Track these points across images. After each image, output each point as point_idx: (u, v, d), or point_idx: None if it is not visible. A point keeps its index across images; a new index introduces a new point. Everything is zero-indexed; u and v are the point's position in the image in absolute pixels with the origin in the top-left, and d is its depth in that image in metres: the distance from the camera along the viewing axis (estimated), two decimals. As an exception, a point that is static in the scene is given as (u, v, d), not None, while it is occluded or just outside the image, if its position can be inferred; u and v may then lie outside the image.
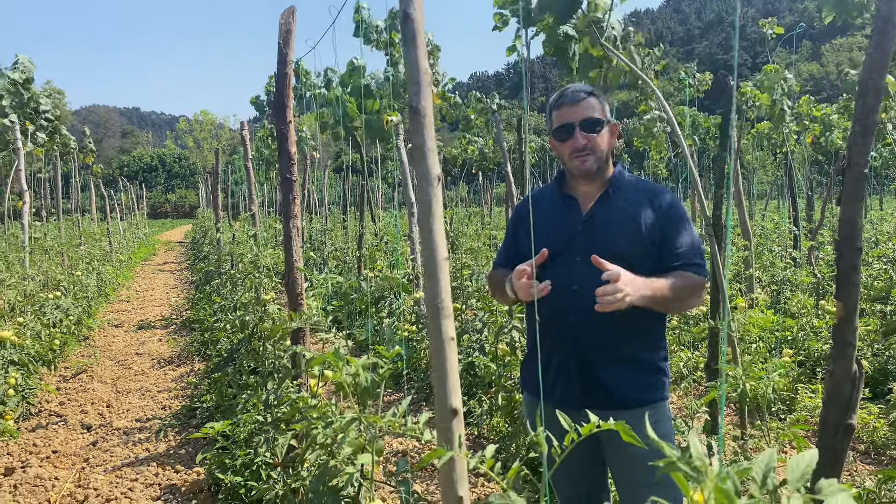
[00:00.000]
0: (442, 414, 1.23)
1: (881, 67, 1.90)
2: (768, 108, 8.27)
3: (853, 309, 2.00)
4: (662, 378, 2.24)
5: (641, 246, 2.15)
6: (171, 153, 70.15)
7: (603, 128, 2.22)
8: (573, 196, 2.30)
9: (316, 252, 11.27)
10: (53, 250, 9.35)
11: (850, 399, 2.04)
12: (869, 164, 2.01)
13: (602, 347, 2.15)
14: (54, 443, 4.89)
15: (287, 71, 3.21)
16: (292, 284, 3.21)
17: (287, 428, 2.85)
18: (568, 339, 2.19)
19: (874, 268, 6.64)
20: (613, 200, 2.23)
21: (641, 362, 2.20)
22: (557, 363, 2.22)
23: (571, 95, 2.23)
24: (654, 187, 2.28)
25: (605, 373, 2.15)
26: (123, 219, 22.90)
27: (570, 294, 2.15)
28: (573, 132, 2.20)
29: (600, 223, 2.22)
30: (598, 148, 2.20)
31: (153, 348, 7.88)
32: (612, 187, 2.24)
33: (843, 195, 1.99)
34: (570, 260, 2.20)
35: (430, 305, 1.25)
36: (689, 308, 2.28)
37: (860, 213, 2.00)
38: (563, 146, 2.24)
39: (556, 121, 2.26)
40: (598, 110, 2.22)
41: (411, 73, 1.27)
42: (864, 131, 1.94)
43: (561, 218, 2.29)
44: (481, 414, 4.59)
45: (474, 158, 17.91)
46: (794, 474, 0.62)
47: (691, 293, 2.14)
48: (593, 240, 2.18)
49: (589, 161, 2.20)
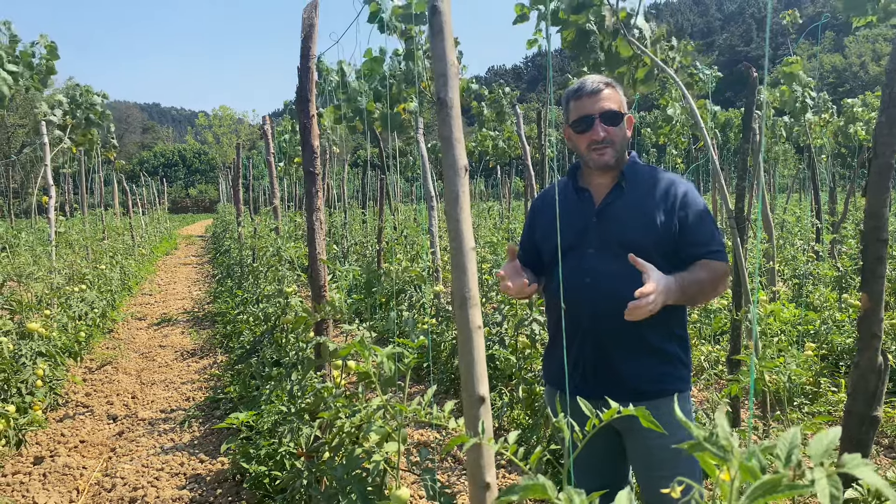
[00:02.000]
0: (469, 401, 1.25)
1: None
2: (789, 101, 8.20)
3: (879, 301, 1.99)
4: (682, 369, 2.23)
5: (655, 236, 2.13)
6: (192, 148, 70.70)
7: (621, 120, 2.20)
8: (586, 189, 2.28)
9: (336, 245, 11.34)
10: (78, 244, 9.49)
11: (875, 391, 2.03)
12: (895, 155, 2.00)
13: (619, 338, 2.13)
14: (81, 433, 4.98)
15: (310, 65, 3.23)
16: (316, 276, 3.25)
17: (312, 418, 2.89)
18: (584, 330, 2.18)
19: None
20: (626, 191, 2.21)
21: (660, 352, 2.17)
22: (575, 354, 2.21)
23: (591, 86, 2.19)
24: (669, 176, 2.25)
25: (622, 364, 2.14)
26: (145, 213, 23.15)
27: (584, 286, 2.15)
28: (592, 124, 2.17)
29: (613, 215, 2.20)
30: (616, 140, 2.18)
31: (176, 341, 7.98)
32: (625, 178, 2.22)
33: (869, 186, 1.98)
34: (583, 252, 2.20)
35: (457, 295, 1.27)
36: (714, 297, 2.27)
37: (886, 205, 1.99)
38: (580, 138, 2.21)
39: (573, 112, 2.23)
40: (617, 102, 2.20)
41: (438, 65, 1.28)
42: (891, 122, 1.93)
43: (574, 211, 2.27)
44: (502, 406, 4.61)
45: (490, 152, 17.89)
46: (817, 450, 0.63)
47: (716, 283, 2.12)
48: (606, 232, 2.17)
49: (607, 154, 2.18)
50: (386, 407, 1.90)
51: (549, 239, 2.28)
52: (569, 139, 2.29)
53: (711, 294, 2.18)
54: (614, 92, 2.21)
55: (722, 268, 2.14)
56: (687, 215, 2.15)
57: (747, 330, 3.94)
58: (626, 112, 2.24)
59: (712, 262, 2.13)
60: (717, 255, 2.15)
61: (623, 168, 2.23)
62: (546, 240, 2.32)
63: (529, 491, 0.77)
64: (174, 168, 67.65)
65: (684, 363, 2.24)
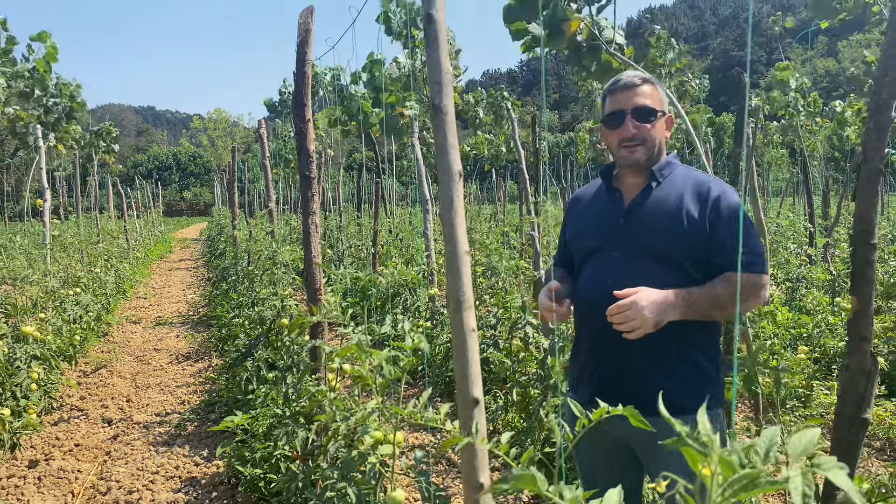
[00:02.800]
0: (464, 403, 1.27)
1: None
2: (782, 106, 8.26)
3: (868, 303, 2.01)
4: (711, 383, 2.08)
5: (683, 242, 2.00)
6: (187, 151, 70.60)
7: (657, 118, 2.09)
8: (618, 189, 2.18)
9: (332, 249, 11.35)
10: (73, 247, 9.47)
11: (864, 393, 2.05)
12: (884, 160, 2.03)
13: (641, 348, 1.98)
14: (76, 436, 4.98)
15: (306, 70, 3.25)
16: (311, 279, 3.26)
17: (307, 421, 2.90)
18: (606, 339, 2.05)
19: (890, 265, 6.61)
20: (657, 193, 2.09)
21: (686, 365, 2.04)
22: (595, 363, 2.12)
23: (626, 81, 2.11)
24: (705, 178, 2.11)
25: (644, 375, 2.02)
26: (140, 216, 23.11)
27: (606, 291, 2.00)
28: (623, 120, 2.08)
29: (641, 217, 2.09)
30: (649, 139, 2.08)
31: (171, 344, 7.97)
32: (657, 179, 2.11)
33: (858, 191, 2.00)
34: (608, 255, 2.11)
35: (451, 298, 1.29)
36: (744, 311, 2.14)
37: (875, 209, 2.01)
38: (611, 134, 2.12)
39: (607, 107, 2.15)
40: (652, 99, 2.09)
41: (433, 72, 1.30)
42: (879, 128, 1.95)
43: (604, 212, 2.18)
44: (496, 409, 4.63)
45: (486, 156, 17.95)
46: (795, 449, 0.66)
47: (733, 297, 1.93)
48: (632, 234, 2.07)
49: (638, 152, 2.08)
50: (381, 410, 1.92)
51: (578, 239, 2.24)
52: (603, 135, 2.20)
53: (733, 309, 1.99)
54: (652, 89, 2.11)
55: (751, 280, 1.97)
56: (719, 220, 2.02)
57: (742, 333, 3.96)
58: (664, 111, 2.14)
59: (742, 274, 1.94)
60: (748, 267, 1.98)
61: (654, 168, 2.13)
62: (575, 240, 2.27)
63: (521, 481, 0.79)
64: (168, 171, 67.51)
65: (713, 377, 2.09)
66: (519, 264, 6.35)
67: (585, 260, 2.19)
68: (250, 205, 20.75)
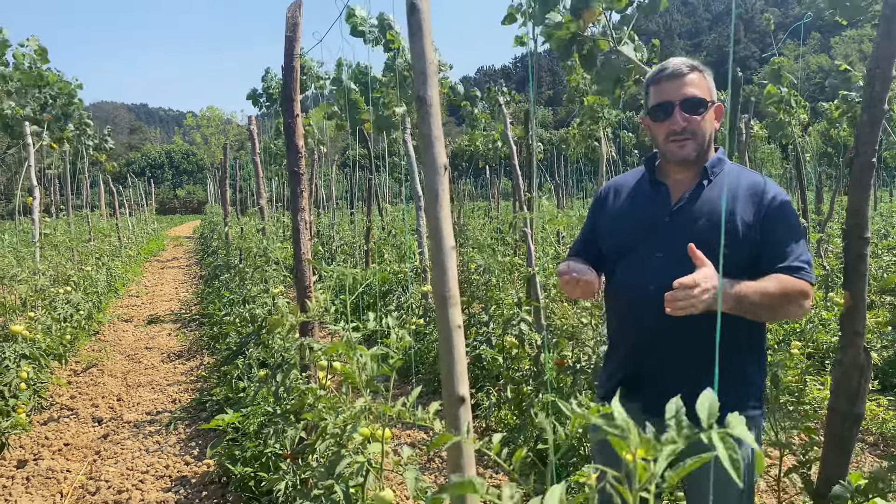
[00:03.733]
0: (450, 401, 1.25)
1: (889, 56, 1.90)
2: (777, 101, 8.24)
3: (861, 298, 2.00)
4: (752, 389, 2.01)
5: (735, 246, 1.86)
6: (180, 149, 70.34)
7: (707, 109, 1.96)
8: (664, 183, 2.04)
9: (324, 246, 11.32)
10: (63, 245, 9.41)
11: (858, 388, 2.04)
12: (877, 153, 2.01)
13: (683, 356, 1.90)
14: (66, 436, 4.94)
15: (294, 64, 3.22)
16: (301, 277, 3.23)
17: (297, 419, 2.88)
18: (644, 345, 1.98)
19: (884, 259, 6.61)
20: (708, 192, 1.96)
21: (729, 372, 1.87)
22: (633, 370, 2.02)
23: (673, 70, 1.97)
24: (757, 178, 2.00)
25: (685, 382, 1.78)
26: (132, 214, 23.02)
27: (647, 295, 1.89)
28: (672, 112, 1.94)
29: (689, 216, 1.95)
30: (699, 132, 1.95)
31: (163, 342, 7.93)
32: (708, 177, 1.98)
33: (851, 184, 1.98)
34: (649, 255, 1.97)
35: (437, 294, 1.26)
36: (788, 317, 2.01)
37: (867, 203, 1.99)
38: (658, 127, 1.99)
39: (652, 97, 2.00)
40: (703, 89, 1.96)
41: (417, 63, 1.27)
42: (872, 120, 1.93)
43: (646, 207, 2.04)
44: (489, 406, 4.61)
45: (481, 152, 17.93)
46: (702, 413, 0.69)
47: (787, 300, 1.85)
48: (679, 235, 1.91)
49: (688, 147, 1.95)
50: (370, 408, 1.89)
51: (614, 234, 2.09)
52: (647, 128, 2.07)
53: (782, 312, 1.90)
54: (700, 77, 1.98)
55: (799, 286, 1.86)
56: (771, 225, 1.91)
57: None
58: (715, 99, 2.01)
59: (788, 277, 1.86)
60: (798, 271, 1.88)
61: (706, 164, 1.99)
62: (610, 235, 2.11)
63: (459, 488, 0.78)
64: (161, 169, 67.23)
65: (755, 383, 2.01)
66: (513, 261, 6.32)
67: (622, 257, 2.05)
68: (243, 202, 20.72)
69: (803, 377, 4.93)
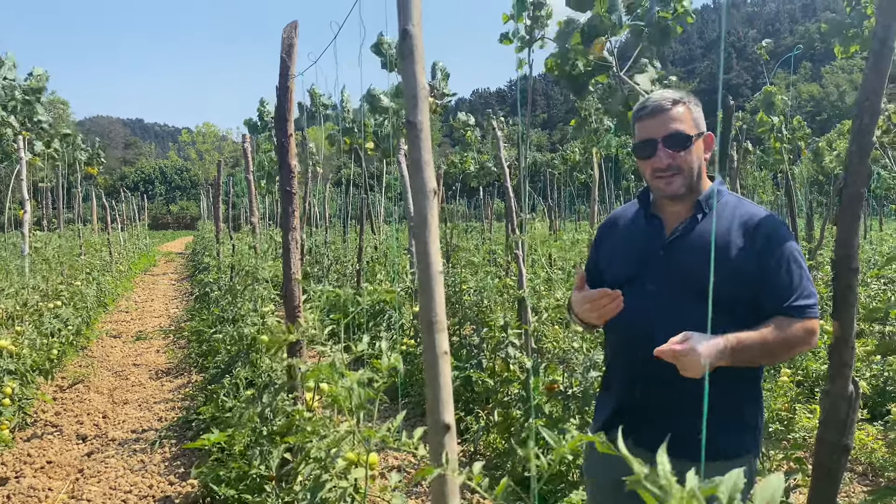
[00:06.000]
0: (434, 429, 1.23)
1: (877, 89, 1.91)
2: (768, 129, 8.32)
3: (849, 328, 1.99)
4: (750, 431, 1.97)
5: (730, 281, 1.80)
6: (173, 165, 70.35)
7: (692, 143, 1.91)
8: (658, 216, 2.02)
9: (317, 265, 11.29)
10: (54, 260, 9.35)
11: (846, 419, 2.03)
12: (866, 184, 2.02)
13: (676, 391, 1.84)
14: (49, 453, 4.87)
15: (289, 84, 3.23)
16: (290, 296, 3.22)
17: (282, 441, 2.85)
18: (638, 379, 1.96)
19: (872, 288, 6.64)
20: (703, 224, 1.93)
21: (726, 414, 1.88)
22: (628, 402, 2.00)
23: (654, 106, 1.93)
24: (756, 210, 1.95)
25: (678, 419, 1.80)
26: (124, 229, 22.92)
27: (639, 329, 1.91)
28: (656, 149, 1.91)
29: (683, 250, 1.93)
30: (685, 167, 1.90)
31: (151, 359, 7.86)
32: (703, 210, 1.95)
33: (840, 215, 1.99)
34: (642, 289, 1.95)
35: (423, 319, 1.25)
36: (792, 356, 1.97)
37: (857, 234, 1.99)
38: (644, 164, 1.96)
39: (637, 134, 1.98)
40: (686, 122, 1.91)
41: (409, 87, 1.28)
42: (861, 152, 1.94)
43: (641, 240, 2.03)
44: (477, 430, 4.57)
45: (473, 173, 18.01)
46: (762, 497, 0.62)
47: (789, 346, 1.83)
48: (673, 269, 1.91)
49: (675, 183, 1.91)
50: (354, 432, 1.87)
51: (611, 268, 2.09)
52: (637, 164, 2.04)
53: (784, 355, 1.89)
54: (685, 110, 1.93)
55: (802, 327, 1.83)
56: (770, 258, 1.86)
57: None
58: (702, 131, 1.97)
59: (791, 319, 1.83)
60: (801, 311, 1.84)
61: (700, 198, 1.96)
62: (609, 268, 2.12)
63: None
64: (153, 184, 67.10)
65: (751, 424, 1.97)
66: (505, 282, 6.32)
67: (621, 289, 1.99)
68: (236, 219, 20.69)
69: (793, 405, 4.93)
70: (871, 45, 1.92)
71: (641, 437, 1.83)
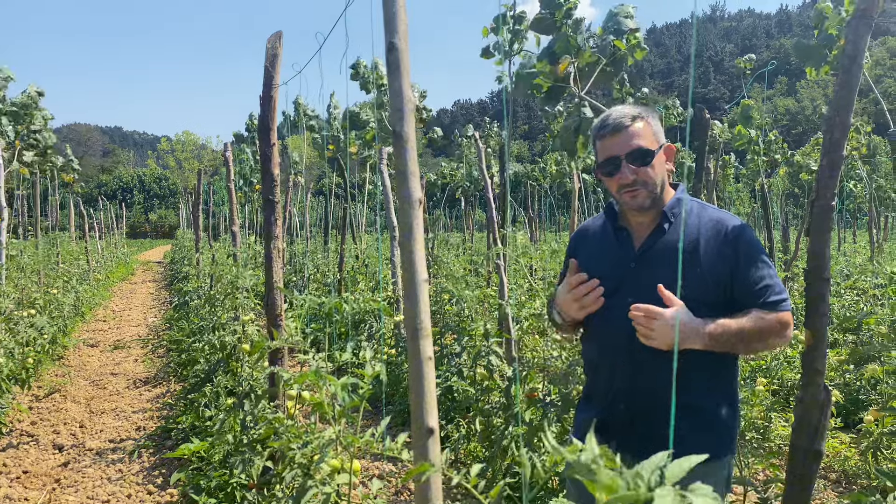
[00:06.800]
0: (419, 433, 1.26)
1: (847, 105, 1.98)
2: (745, 143, 8.47)
3: (821, 337, 2.05)
4: (726, 432, 2.03)
5: (703, 286, 1.90)
6: (152, 173, 69.69)
7: (654, 157, 1.96)
8: (626, 228, 2.07)
9: (297, 274, 11.27)
10: (30, 268, 9.24)
11: (818, 425, 2.09)
12: (836, 197, 2.08)
13: (656, 398, 1.90)
14: (25, 463, 4.81)
15: (273, 94, 3.25)
16: (272, 305, 3.23)
17: (263, 449, 2.85)
18: (616, 389, 2.01)
19: (845, 299, 6.76)
20: (670, 233, 2.00)
21: (704, 418, 1.97)
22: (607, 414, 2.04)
23: (614, 124, 1.97)
24: (720, 215, 2.03)
25: (658, 425, 1.89)
26: (102, 238, 22.68)
27: (620, 340, 1.95)
28: (619, 166, 1.96)
29: (654, 260, 1.98)
30: (649, 180, 1.96)
31: (129, 368, 7.79)
32: (669, 219, 2.00)
33: (811, 227, 2.05)
34: (620, 302, 1.96)
35: (409, 326, 1.28)
36: (767, 349, 2.06)
37: (828, 245, 2.06)
38: (609, 181, 2.01)
39: (599, 153, 2.02)
40: (646, 138, 1.97)
41: (395, 100, 1.31)
42: (832, 165, 2.01)
43: (612, 254, 2.07)
44: (458, 439, 4.59)
45: (458, 183, 18.10)
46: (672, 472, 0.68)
47: (766, 334, 1.91)
48: (645, 279, 1.95)
49: (640, 195, 1.97)
50: (338, 438, 1.89)
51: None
52: (600, 180, 2.09)
53: (760, 345, 1.96)
54: (644, 124, 1.98)
55: (777, 318, 1.92)
56: (739, 260, 1.94)
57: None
58: (662, 143, 2.02)
59: (767, 312, 1.92)
60: (776, 306, 1.93)
61: (665, 208, 2.02)
62: None
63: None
64: (131, 193, 66.39)
65: (728, 425, 2.04)
66: (485, 293, 6.35)
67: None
68: (215, 227, 20.58)
69: (768, 414, 5.00)
70: (841, 62, 1.99)
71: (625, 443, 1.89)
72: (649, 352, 1.87)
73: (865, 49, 1.97)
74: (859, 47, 1.96)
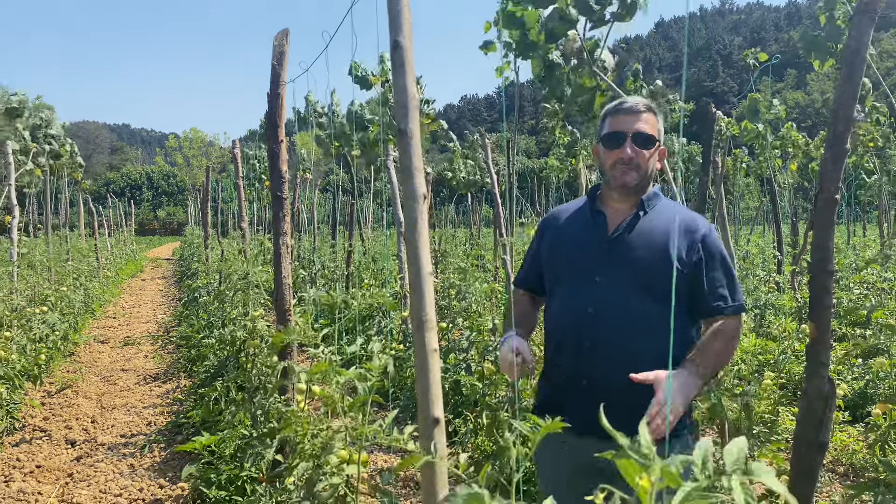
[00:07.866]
0: (424, 423, 1.28)
1: (851, 98, 1.99)
2: (753, 137, 8.43)
3: (825, 330, 2.06)
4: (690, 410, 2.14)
5: (668, 274, 1.97)
6: (160, 170, 70.00)
7: (654, 147, 2.13)
8: (602, 212, 2.18)
9: (305, 269, 11.32)
10: (41, 265, 9.33)
11: (822, 417, 2.10)
12: (840, 190, 2.09)
13: (618, 375, 1.96)
14: (38, 458, 4.87)
15: (280, 91, 3.27)
16: (281, 300, 3.26)
17: (272, 442, 2.88)
18: (583, 367, 2.07)
19: (853, 293, 6.74)
20: (644, 222, 2.12)
21: None
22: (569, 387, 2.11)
23: (631, 105, 2.14)
24: (690, 214, 2.18)
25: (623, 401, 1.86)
26: (111, 235, 22.81)
27: (586, 317, 2.06)
28: (623, 142, 2.10)
29: (626, 243, 2.10)
30: (643, 165, 2.11)
31: (139, 364, 7.86)
32: (644, 208, 2.13)
33: (815, 220, 2.06)
34: (589, 279, 2.09)
35: (414, 318, 1.31)
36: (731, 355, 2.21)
37: (832, 238, 2.07)
38: (608, 154, 2.13)
39: (607, 127, 2.16)
40: (652, 127, 2.13)
41: (400, 97, 1.33)
42: (835, 158, 2.02)
43: (585, 234, 2.18)
44: (466, 433, 4.62)
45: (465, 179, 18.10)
46: (730, 459, 0.68)
47: (732, 346, 2.10)
48: (617, 261, 2.08)
49: (630, 175, 2.10)
50: (347, 430, 1.92)
51: (555, 259, 2.22)
52: (596, 155, 2.23)
53: (728, 359, 2.15)
54: (653, 118, 2.15)
55: (737, 324, 2.11)
56: (703, 259, 2.08)
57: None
58: (661, 141, 2.17)
59: (727, 321, 2.08)
60: (734, 310, 2.09)
61: (643, 197, 2.15)
62: (552, 259, 2.25)
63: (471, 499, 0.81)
64: (139, 190, 66.69)
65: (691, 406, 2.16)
66: (493, 287, 6.38)
67: (562, 281, 2.17)
68: (224, 224, 20.65)
69: (776, 408, 5.01)
70: (844, 56, 2.00)
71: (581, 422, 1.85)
72: (613, 330, 2.02)
73: (868, 42, 1.98)
74: (862, 41, 1.97)
